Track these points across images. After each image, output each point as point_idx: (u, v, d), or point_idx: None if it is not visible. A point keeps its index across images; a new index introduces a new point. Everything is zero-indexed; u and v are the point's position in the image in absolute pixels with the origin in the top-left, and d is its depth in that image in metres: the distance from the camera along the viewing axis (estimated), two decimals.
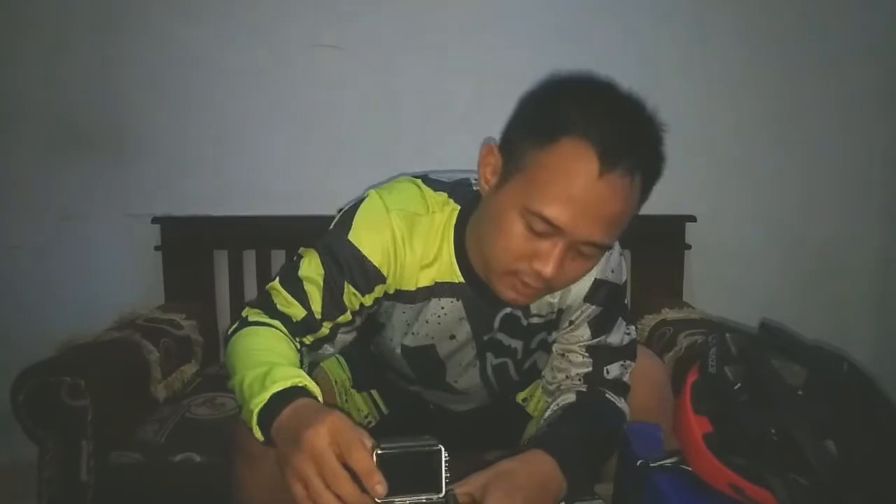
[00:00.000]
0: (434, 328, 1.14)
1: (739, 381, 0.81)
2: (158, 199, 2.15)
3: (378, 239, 1.05)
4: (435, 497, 0.73)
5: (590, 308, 1.12)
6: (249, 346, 0.98)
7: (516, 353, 1.19)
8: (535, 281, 0.95)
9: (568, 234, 0.91)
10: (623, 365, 1.14)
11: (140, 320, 1.87)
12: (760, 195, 2.25)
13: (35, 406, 1.49)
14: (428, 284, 1.10)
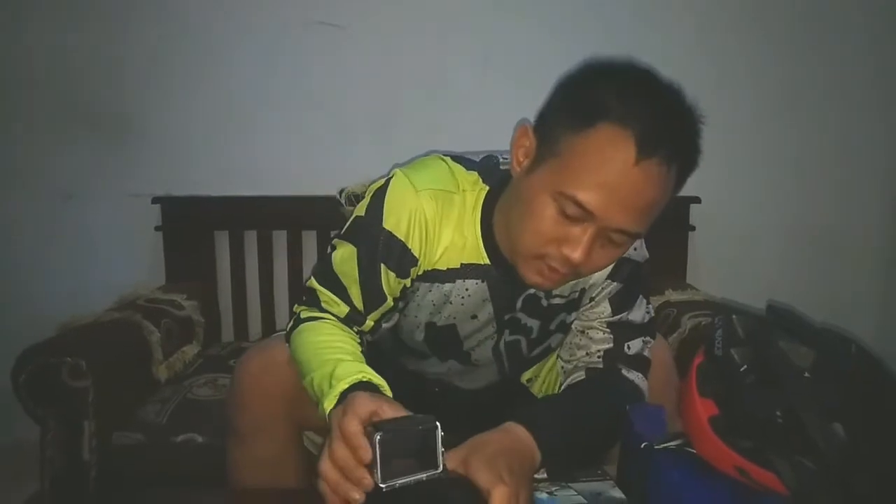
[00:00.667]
0: (458, 309, 1.13)
1: (746, 364, 0.80)
2: (159, 179, 2.14)
3: (410, 221, 1.04)
4: (433, 472, 0.73)
5: (612, 285, 1.11)
6: (311, 344, 1.00)
7: (531, 332, 1.18)
8: (562, 266, 0.94)
9: (599, 220, 0.90)
10: (644, 341, 1.14)
11: (141, 301, 1.86)
12: (765, 177, 2.24)
13: (36, 387, 1.49)
14: (455, 266, 1.09)
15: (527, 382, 1.32)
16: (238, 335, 2.16)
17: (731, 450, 0.77)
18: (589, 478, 0.91)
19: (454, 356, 1.23)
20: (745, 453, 0.76)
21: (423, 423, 0.74)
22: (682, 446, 0.85)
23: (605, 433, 1.05)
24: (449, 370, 1.27)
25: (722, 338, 0.83)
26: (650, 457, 0.85)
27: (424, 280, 1.10)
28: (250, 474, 1.11)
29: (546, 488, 0.88)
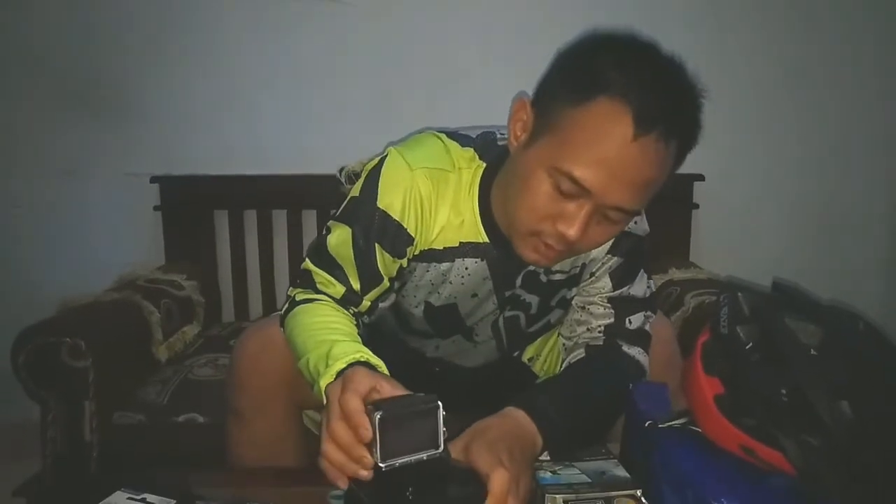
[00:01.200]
0: (458, 289, 1.12)
1: (751, 342, 0.78)
2: (157, 158, 2.12)
3: (405, 200, 1.02)
4: (434, 452, 0.72)
5: (612, 259, 1.10)
6: (306, 325, 0.98)
7: (530, 308, 1.17)
8: (557, 243, 0.93)
9: (596, 197, 0.88)
10: (646, 315, 1.12)
11: (140, 281, 1.86)
12: (770, 154, 2.22)
13: (36, 367, 1.49)
14: (454, 245, 1.08)
15: (528, 361, 1.31)
16: (239, 315, 2.15)
17: (737, 428, 0.76)
18: (593, 457, 0.89)
19: (458, 332, 1.22)
20: (750, 432, 0.75)
21: (424, 402, 0.73)
22: (687, 425, 0.84)
23: (606, 412, 1.04)
24: (449, 349, 1.26)
25: (727, 315, 0.82)
26: (654, 435, 0.84)
27: (421, 260, 1.09)
28: (250, 453, 1.11)
29: (549, 467, 0.87)
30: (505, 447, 0.81)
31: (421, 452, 0.72)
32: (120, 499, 0.83)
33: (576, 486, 0.82)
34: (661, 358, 1.14)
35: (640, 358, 1.10)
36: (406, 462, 0.71)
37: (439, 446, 0.72)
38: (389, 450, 0.71)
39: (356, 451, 0.73)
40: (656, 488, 0.81)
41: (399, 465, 0.71)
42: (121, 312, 1.70)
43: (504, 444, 0.82)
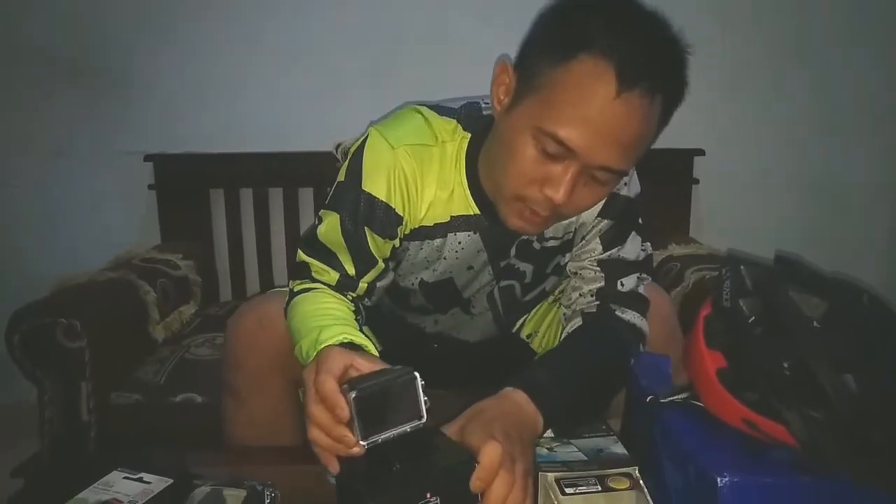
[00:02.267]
0: (452, 263, 1.11)
1: (754, 315, 0.77)
2: (150, 136, 2.10)
3: (390, 180, 1.01)
4: (417, 423, 0.72)
5: (602, 222, 1.08)
6: (301, 314, 0.97)
7: (525, 276, 1.16)
8: (543, 208, 0.92)
9: (581, 158, 0.87)
10: (639, 277, 1.10)
11: (136, 260, 1.84)
12: (771, 128, 2.19)
13: (31, 347, 1.48)
14: (444, 220, 1.06)
15: (527, 338, 1.30)
16: (236, 294, 2.14)
17: (739, 402, 0.74)
18: (592, 433, 0.88)
19: (456, 306, 1.21)
20: (753, 406, 0.74)
21: (400, 374, 0.72)
22: (688, 399, 0.82)
23: (607, 381, 1.02)
24: (447, 323, 1.25)
25: (730, 288, 0.80)
26: (655, 410, 0.83)
27: (413, 238, 1.08)
28: (247, 432, 1.11)
29: (546, 444, 0.86)
30: (501, 427, 0.79)
31: (404, 425, 0.71)
32: (117, 478, 0.82)
33: (570, 464, 0.81)
34: (662, 333, 1.12)
35: (637, 321, 1.07)
36: (389, 436, 0.70)
37: (422, 417, 0.72)
38: (370, 426, 0.70)
39: (336, 431, 0.73)
40: (657, 463, 0.81)
41: (382, 440, 0.70)
42: (116, 292, 1.69)
43: (500, 423, 0.80)
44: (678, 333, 1.15)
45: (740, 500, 0.68)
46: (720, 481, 0.68)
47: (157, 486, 0.81)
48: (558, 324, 1.17)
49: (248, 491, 0.80)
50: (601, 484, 0.77)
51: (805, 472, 0.70)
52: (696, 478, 0.72)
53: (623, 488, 0.76)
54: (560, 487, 0.76)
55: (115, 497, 0.78)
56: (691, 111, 2.18)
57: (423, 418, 0.72)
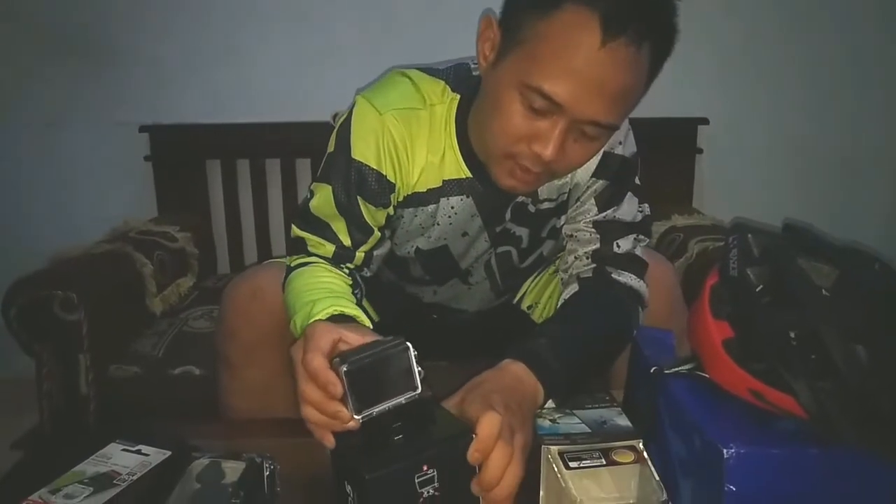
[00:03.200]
0: (446, 229, 1.09)
1: (762, 284, 0.75)
2: (145, 107, 2.07)
3: (379, 147, 0.99)
4: (412, 395, 0.71)
5: (597, 182, 1.06)
6: (296, 289, 0.96)
7: (521, 242, 1.14)
8: (533, 165, 0.90)
9: (569, 112, 0.84)
10: (636, 239, 1.08)
11: (132, 233, 1.83)
12: (776, 97, 2.16)
13: (28, 320, 1.47)
14: (436, 185, 1.04)
15: (527, 309, 1.29)
16: (234, 267, 2.13)
17: (746, 372, 0.73)
18: (596, 404, 0.87)
19: (454, 276, 1.20)
20: (760, 376, 0.72)
21: (391, 345, 0.71)
22: (694, 370, 0.81)
23: (607, 350, 1.01)
24: (446, 294, 1.24)
25: (737, 257, 0.78)
26: (660, 381, 0.82)
27: (407, 206, 1.06)
28: (242, 403, 1.10)
29: (549, 415, 0.85)
30: (500, 399, 0.78)
31: (398, 397, 0.70)
32: (115, 450, 0.81)
33: (573, 436, 0.79)
34: (665, 304, 1.11)
35: (634, 283, 1.05)
36: (384, 409, 0.69)
37: (416, 387, 0.71)
38: (363, 400, 0.69)
39: (330, 408, 0.71)
40: (661, 435, 0.79)
41: (377, 413, 0.69)
42: (113, 265, 1.67)
43: (500, 395, 0.79)
44: (681, 304, 1.14)
45: (747, 471, 0.67)
46: (726, 452, 0.67)
47: (156, 458, 0.80)
48: (559, 295, 1.16)
49: (247, 463, 0.79)
50: (605, 458, 0.75)
51: (813, 443, 0.69)
52: (701, 449, 0.71)
53: (628, 462, 0.75)
54: (564, 461, 0.75)
55: (112, 469, 0.77)
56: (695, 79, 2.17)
57: (418, 389, 0.71)
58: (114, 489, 0.73)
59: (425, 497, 0.67)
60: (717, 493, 0.67)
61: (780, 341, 0.71)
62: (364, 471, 0.66)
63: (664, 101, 2.10)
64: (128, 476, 0.76)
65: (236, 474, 0.78)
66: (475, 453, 0.70)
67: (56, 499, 0.71)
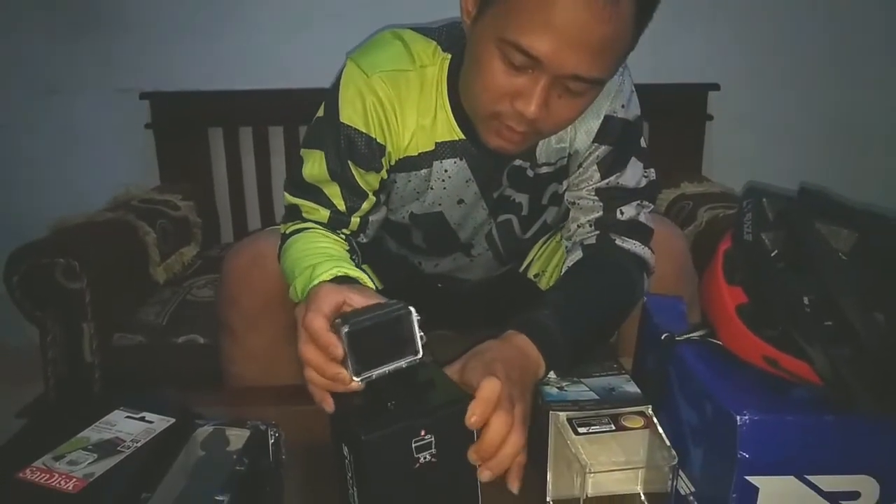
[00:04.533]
0: (440, 194, 1.06)
1: (777, 248, 0.74)
2: (146, 73, 2.04)
3: (367, 109, 0.97)
4: (413, 359, 0.69)
5: (599, 148, 1.03)
6: (293, 255, 0.94)
7: (521, 209, 1.12)
8: (518, 124, 0.87)
9: (549, 68, 0.81)
10: (640, 205, 1.05)
11: (135, 201, 1.82)
12: (789, 62, 2.13)
13: (30, 288, 1.47)
14: (429, 148, 1.02)
15: (534, 278, 1.27)
16: (237, 235, 2.11)
17: (760, 339, 0.72)
18: (604, 371, 0.86)
19: (456, 250, 1.18)
20: (774, 342, 0.71)
21: (394, 309, 0.70)
22: (705, 337, 0.79)
23: (611, 320, 1.00)
24: (448, 266, 1.23)
25: (751, 221, 0.76)
26: (671, 348, 0.80)
27: (400, 170, 1.04)
28: (244, 370, 1.10)
29: (556, 383, 0.84)
30: (502, 367, 0.76)
31: (399, 360, 0.69)
32: (118, 417, 0.80)
33: (582, 403, 0.78)
34: (674, 271, 1.09)
35: (639, 251, 1.03)
36: (384, 372, 0.68)
37: (417, 352, 0.69)
38: (363, 362, 0.68)
39: (330, 370, 0.70)
40: (671, 402, 0.78)
41: (377, 375, 0.68)
42: (115, 233, 1.67)
43: (501, 364, 0.77)
44: (691, 271, 1.12)
45: (760, 438, 0.66)
46: (739, 419, 0.66)
47: (159, 425, 0.79)
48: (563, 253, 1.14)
49: (251, 431, 0.78)
50: (615, 423, 0.75)
51: (828, 411, 0.68)
52: (713, 416, 0.70)
53: (637, 427, 0.74)
54: (573, 427, 0.74)
55: (116, 436, 0.76)
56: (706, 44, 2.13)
57: (419, 354, 0.70)
58: (118, 456, 0.73)
59: (422, 462, 0.66)
60: (729, 461, 0.66)
61: (795, 307, 0.69)
62: (360, 432, 0.65)
63: (674, 67, 2.07)
64: (132, 443, 0.75)
65: (241, 441, 0.77)
66: (473, 417, 0.69)
67: (60, 465, 0.71)
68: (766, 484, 0.67)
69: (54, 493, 0.67)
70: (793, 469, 0.67)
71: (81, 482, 0.68)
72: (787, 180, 1.87)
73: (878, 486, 0.67)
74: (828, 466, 0.67)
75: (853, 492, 0.67)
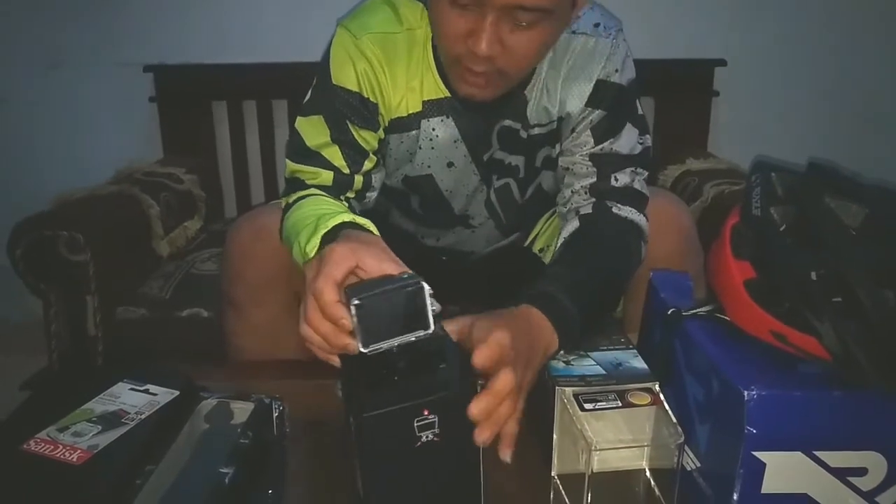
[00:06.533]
0: (428, 153, 1.07)
1: (786, 223, 0.73)
2: (149, 46, 2.02)
3: (357, 71, 0.99)
4: (423, 333, 0.68)
5: (592, 113, 1.03)
6: (294, 220, 0.93)
7: (518, 172, 1.12)
8: (476, 64, 0.88)
9: (490, 1, 0.82)
10: (634, 171, 1.04)
11: (138, 174, 1.81)
12: (796, 37, 2.09)
13: (33, 261, 1.46)
14: (417, 109, 1.03)
15: (539, 252, 1.27)
16: (241, 210, 2.10)
17: (768, 314, 0.71)
18: (610, 346, 0.85)
19: (454, 224, 1.18)
20: (782, 317, 0.70)
21: (406, 284, 0.68)
22: (713, 312, 0.79)
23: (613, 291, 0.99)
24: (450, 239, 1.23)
25: (760, 196, 0.76)
26: (677, 323, 0.80)
27: (392, 132, 1.06)
28: (248, 344, 1.10)
29: (563, 358, 0.83)
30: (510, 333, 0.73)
31: (408, 334, 0.67)
32: (122, 389, 0.80)
33: (588, 378, 0.78)
34: (680, 247, 1.08)
35: (635, 217, 1.02)
36: (391, 345, 0.67)
37: (429, 327, 0.68)
38: (372, 334, 0.67)
39: (339, 342, 0.69)
40: (677, 378, 0.78)
41: (385, 348, 0.67)
42: (119, 206, 1.66)
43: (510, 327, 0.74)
44: (697, 245, 1.11)
45: (768, 414, 0.66)
46: (747, 395, 0.66)
47: (164, 397, 0.79)
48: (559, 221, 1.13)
49: (255, 404, 0.78)
50: (621, 399, 0.74)
51: (836, 386, 0.67)
52: (720, 392, 0.70)
53: (644, 404, 0.74)
54: (579, 403, 0.73)
55: (121, 408, 0.76)
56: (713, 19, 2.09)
57: (430, 329, 0.68)
58: (122, 428, 0.73)
59: (423, 442, 0.65)
60: (736, 436, 0.66)
61: (804, 282, 0.68)
62: (362, 408, 0.65)
63: (680, 42, 2.05)
64: (136, 415, 0.75)
65: (245, 415, 0.77)
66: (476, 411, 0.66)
67: (64, 437, 0.71)
68: (773, 459, 0.66)
69: (59, 464, 0.67)
70: (800, 445, 0.67)
71: (86, 454, 0.68)
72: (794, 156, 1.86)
73: (886, 463, 0.67)
74: (835, 442, 0.67)
75: (861, 468, 0.67)
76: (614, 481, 0.74)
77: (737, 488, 0.67)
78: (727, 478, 0.68)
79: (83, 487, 0.66)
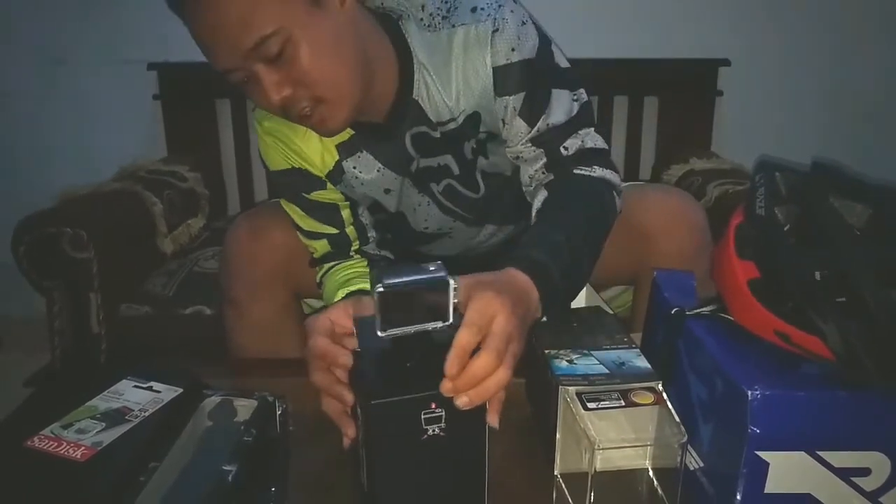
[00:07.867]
0: (365, 190, 1.08)
1: (790, 223, 0.73)
2: (153, 44, 2.01)
3: (276, 153, 1.04)
4: (441, 325, 0.67)
5: (510, 99, 0.97)
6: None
7: (451, 170, 1.08)
8: (293, 110, 0.88)
9: (234, 61, 0.84)
10: (578, 134, 1.01)
11: (142, 172, 1.82)
12: (800, 38, 2.09)
13: (37, 258, 1.47)
14: (336, 157, 1.05)
15: None
16: (245, 207, 2.11)
17: (772, 314, 0.71)
18: (613, 345, 0.85)
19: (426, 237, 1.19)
20: (786, 317, 0.70)
21: (433, 277, 0.67)
22: (717, 312, 0.79)
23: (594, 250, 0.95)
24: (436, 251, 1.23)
25: (764, 196, 0.75)
26: (681, 323, 0.79)
27: (333, 184, 1.08)
28: (248, 341, 1.12)
29: (566, 356, 0.83)
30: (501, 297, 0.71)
31: (426, 324, 0.67)
32: (126, 386, 0.80)
33: (591, 377, 0.78)
34: (692, 243, 1.07)
35: (601, 173, 1.00)
36: (409, 331, 0.67)
37: (447, 319, 0.67)
38: (391, 321, 0.67)
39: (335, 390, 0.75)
40: (681, 378, 0.78)
41: (402, 332, 0.67)
42: (122, 204, 1.67)
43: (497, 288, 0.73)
44: (709, 244, 1.10)
45: (771, 413, 0.65)
46: (751, 394, 0.65)
47: (167, 395, 0.79)
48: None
49: (259, 402, 0.78)
50: (624, 399, 0.74)
51: (840, 386, 0.67)
52: (724, 391, 0.70)
53: (647, 403, 0.74)
54: (582, 402, 0.73)
55: (124, 405, 0.76)
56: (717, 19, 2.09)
57: (449, 321, 0.68)
58: (126, 425, 0.73)
59: (429, 435, 0.66)
60: (739, 436, 0.66)
61: (808, 281, 0.68)
62: (370, 396, 0.65)
63: (684, 42, 2.05)
64: (140, 412, 0.75)
65: (248, 412, 0.77)
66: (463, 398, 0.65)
67: (68, 433, 0.71)
68: (777, 459, 0.66)
69: (62, 461, 0.67)
70: (803, 445, 0.66)
71: (90, 450, 0.68)
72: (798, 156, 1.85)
73: (890, 463, 0.66)
74: (839, 442, 0.67)
75: (864, 468, 0.67)
76: (617, 481, 0.74)
77: (740, 488, 0.67)
78: (730, 477, 0.68)
79: (87, 484, 0.66)
